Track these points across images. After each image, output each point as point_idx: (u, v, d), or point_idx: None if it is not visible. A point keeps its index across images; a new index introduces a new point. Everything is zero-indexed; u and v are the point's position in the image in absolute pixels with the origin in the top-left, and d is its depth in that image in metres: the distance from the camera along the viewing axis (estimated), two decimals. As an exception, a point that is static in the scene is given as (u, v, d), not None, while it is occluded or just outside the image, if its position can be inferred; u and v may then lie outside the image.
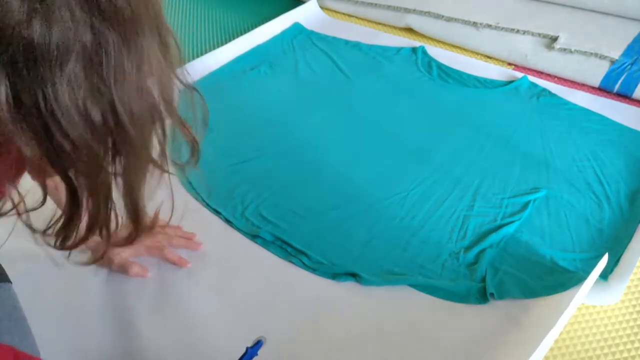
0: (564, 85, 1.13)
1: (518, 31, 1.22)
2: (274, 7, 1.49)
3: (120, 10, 0.34)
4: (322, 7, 1.47)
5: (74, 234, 0.42)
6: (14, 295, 0.59)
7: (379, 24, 1.40)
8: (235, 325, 0.66)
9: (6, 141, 0.34)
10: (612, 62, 1.10)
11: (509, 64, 1.22)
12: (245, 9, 1.54)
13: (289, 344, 0.65)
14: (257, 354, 0.62)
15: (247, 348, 0.62)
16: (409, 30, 1.35)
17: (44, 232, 0.43)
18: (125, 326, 0.66)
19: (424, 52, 1.24)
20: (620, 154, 0.93)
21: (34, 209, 0.43)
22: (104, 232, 0.43)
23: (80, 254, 0.55)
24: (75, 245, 0.43)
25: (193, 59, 1.24)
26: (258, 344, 0.63)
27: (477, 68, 1.19)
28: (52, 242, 0.43)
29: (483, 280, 0.71)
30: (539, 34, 1.20)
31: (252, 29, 1.34)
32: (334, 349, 0.64)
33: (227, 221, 0.81)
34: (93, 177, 0.38)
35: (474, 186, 0.87)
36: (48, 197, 0.43)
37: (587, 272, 0.67)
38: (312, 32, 1.35)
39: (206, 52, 1.26)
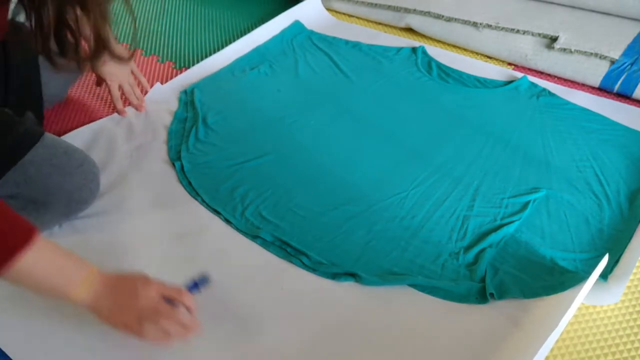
0: (564, 85, 1.13)
1: (518, 31, 1.22)
2: (274, 7, 1.49)
3: None
4: (322, 7, 1.47)
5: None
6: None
7: (379, 24, 1.40)
8: (235, 325, 0.66)
9: None
10: (612, 62, 1.10)
11: (509, 64, 1.22)
12: (245, 9, 1.54)
13: (289, 344, 0.65)
14: (198, 290, 0.64)
15: (194, 281, 0.64)
16: (409, 30, 1.35)
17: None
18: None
19: (424, 52, 1.24)
20: (620, 154, 0.93)
21: None
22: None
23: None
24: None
25: (193, 58, 1.24)
26: (203, 279, 0.64)
27: (477, 68, 1.19)
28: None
29: (483, 280, 0.71)
30: (539, 34, 1.20)
31: (252, 29, 1.34)
32: (334, 349, 0.64)
33: (227, 221, 0.81)
34: None
35: (474, 186, 0.87)
36: None
37: (587, 272, 0.67)
38: (311, 32, 1.35)
39: (206, 52, 1.26)
